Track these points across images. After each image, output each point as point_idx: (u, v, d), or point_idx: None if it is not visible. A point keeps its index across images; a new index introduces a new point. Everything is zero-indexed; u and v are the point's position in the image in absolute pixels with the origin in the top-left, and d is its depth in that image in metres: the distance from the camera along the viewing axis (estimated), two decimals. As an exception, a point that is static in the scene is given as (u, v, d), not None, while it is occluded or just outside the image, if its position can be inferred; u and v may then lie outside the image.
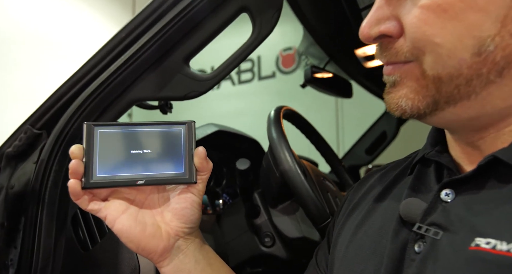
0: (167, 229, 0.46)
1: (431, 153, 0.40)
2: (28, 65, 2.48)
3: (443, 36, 0.30)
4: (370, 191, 0.47)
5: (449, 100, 0.33)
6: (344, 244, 0.43)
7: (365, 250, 0.39)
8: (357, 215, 0.45)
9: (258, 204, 0.79)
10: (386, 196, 0.43)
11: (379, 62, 1.23)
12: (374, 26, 0.34)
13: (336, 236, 0.46)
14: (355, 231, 0.43)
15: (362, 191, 0.48)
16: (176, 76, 0.68)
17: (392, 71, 0.35)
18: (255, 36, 0.69)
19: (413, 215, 0.35)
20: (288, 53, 3.40)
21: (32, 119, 0.66)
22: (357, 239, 0.42)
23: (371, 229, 0.41)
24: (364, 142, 1.79)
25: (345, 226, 0.46)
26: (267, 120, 0.77)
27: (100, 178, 0.42)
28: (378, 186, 0.46)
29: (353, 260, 0.40)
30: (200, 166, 0.45)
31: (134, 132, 0.44)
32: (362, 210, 0.45)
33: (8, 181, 0.65)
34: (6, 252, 0.63)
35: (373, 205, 0.44)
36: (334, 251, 0.45)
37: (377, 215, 0.42)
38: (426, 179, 0.39)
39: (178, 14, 0.64)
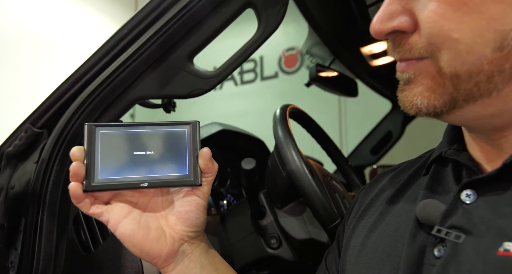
0: (171, 233, 0.44)
1: (449, 152, 0.38)
2: (28, 65, 2.48)
3: (462, 31, 0.29)
4: (382, 193, 0.45)
5: (468, 98, 0.31)
6: (357, 247, 0.42)
7: (380, 254, 0.38)
8: (369, 217, 0.43)
9: (263, 205, 0.77)
10: (400, 197, 0.42)
11: (385, 61, 1.21)
12: (387, 22, 0.32)
13: (347, 239, 0.45)
14: (368, 234, 0.41)
15: (374, 192, 0.47)
16: (179, 74, 0.66)
17: (406, 68, 0.33)
18: (260, 32, 0.67)
19: (431, 217, 0.34)
20: (291, 53, 3.38)
21: (32, 118, 0.64)
22: (371, 242, 0.40)
23: (385, 232, 0.39)
24: (369, 141, 1.77)
25: (356, 229, 0.44)
26: (273, 119, 0.75)
27: (102, 181, 0.41)
28: (391, 187, 0.44)
29: (367, 264, 0.38)
30: (205, 167, 0.43)
31: (136, 133, 0.43)
32: (374, 212, 0.43)
33: (8, 181, 0.64)
34: (6, 254, 0.61)
35: (386, 207, 0.42)
36: (345, 255, 0.44)
37: (391, 218, 0.40)
38: (443, 179, 0.37)
39: (181, 9, 0.62)
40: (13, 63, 2.43)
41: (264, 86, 3.44)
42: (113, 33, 0.64)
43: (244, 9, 0.65)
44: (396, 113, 1.69)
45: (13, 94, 2.33)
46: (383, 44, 1.12)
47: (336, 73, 1.25)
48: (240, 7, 0.64)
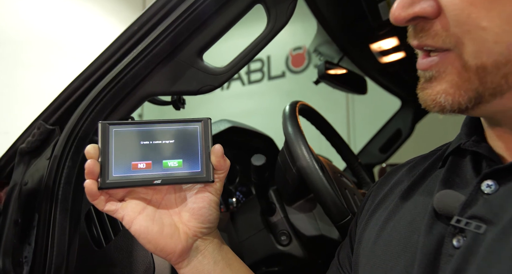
0: (185, 229, 0.44)
1: (468, 143, 0.37)
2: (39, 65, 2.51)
3: (490, 19, 0.27)
4: (396, 186, 0.45)
5: (495, 92, 0.30)
6: (370, 240, 0.41)
7: (395, 246, 0.37)
8: (383, 211, 0.43)
9: (273, 202, 0.77)
10: (415, 190, 0.41)
11: (395, 57, 1.19)
12: (408, 7, 0.31)
13: (360, 233, 0.44)
14: (382, 227, 0.41)
15: (387, 186, 0.46)
16: (189, 70, 0.66)
17: (428, 66, 0.32)
18: (269, 28, 0.67)
19: (449, 207, 0.33)
20: (298, 53, 3.38)
21: (45, 114, 0.65)
22: (385, 234, 0.40)
23: (400, 224, 0.39)
24: (378, 140, 1.75)
25: (370, 223, 0.44)
26: (282, 115, 0.75)
27: (116, 178, 0.41)
28: (405, 181, 0.44)
29: (382, 256, 0.38)
30: (217, 164, 0.43)
31: (149, 131, 0.43)
32: (388, 205, 0.43)
33: (22, 177, 0.65)
34: (20, 249, 0.62)
35: (400, 200, 0.41)
36: (358, 249, 0.43)
37: (406, 210, 0.40)
38: (461, 171, 0.37)
39: (191, 5, 0.62)
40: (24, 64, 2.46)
41: (272, 86, 3.44)
42: (123, 30, 0.64)
43: (254, 5, 0.64)
44: (405, 111, 1.68)
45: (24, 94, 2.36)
46: (393, 41, 1.11)
47: (345, 71, 1.24)
48: (250, 3, 0.64)
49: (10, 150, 0.67)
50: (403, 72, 1.37)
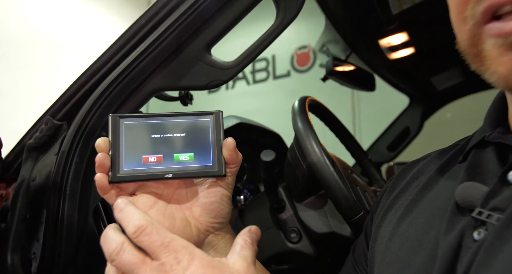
0: (196, 224, 0.43)
1: (493, 135, 0.36)
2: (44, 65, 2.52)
3: None
4: (413, 182, 0.44)
5: None
6: (386, 236, 0.40)
7: (411, 242, 0.36)
8: (399, 206, 0.42)
9: (283, 198, 0.76)
10: (433, 185, 0.40)
11: (404, 53, 1.17)
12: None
13: (376, 229, 0.43)
14: (398, 222, 0.40)
15: (403, 182, 0.45)
16: (197, 65, 0.66)
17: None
18: (279, 21, 0.66)
19: (472, 199, 0.32)
20: (303, 52, 3.36)
21: (52, 110, 0.64)
22: (401, 231, 0.39)
23: (417, 219, 0.38)
24: (386, 138, 1.73)
25: (385, 218, 0.43)
26: (291, 110, 0.74)
27: (127, 172, 0.40)
28: (422, 176, 0.43)
29: (397, 253, 0.37)
30: (229, 158, 0.42)
31: (160, 124, 0.42)
32: (404, 201, 0.42)
33: (30, 173, 0.64)
34: (29, 245, 0.61)
35: (417, 196, 0.40)
36: (374, 245, 0.42)
37: (423, 206, 0.39)
38: (484, 164, 0.35)
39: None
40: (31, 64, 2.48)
41: (277, 85, 3.43)
42: (131, 24, 0.63)
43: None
44: (414, 109, 1.65)
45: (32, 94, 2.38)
46: (403, 36, 1.09)
47: (353, 67, 1.23)
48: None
49: (17, 146, 0.67)
50: (412, 69, 1.35)
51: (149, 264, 0.31)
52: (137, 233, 0.32)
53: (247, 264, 0.34)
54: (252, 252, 0.36)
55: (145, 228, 0.32)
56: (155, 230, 0.32)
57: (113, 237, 0.33)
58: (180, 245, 0.32)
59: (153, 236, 0.31)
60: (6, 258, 0.59)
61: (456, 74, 1.42)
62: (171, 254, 0.31)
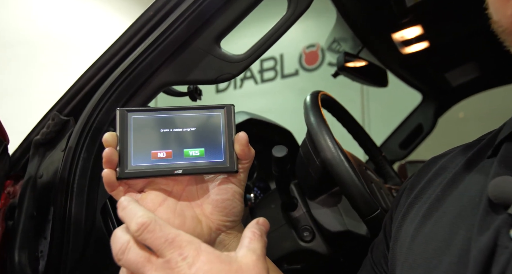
0: (207, 222, 0.41)
1: None
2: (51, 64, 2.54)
3: None
4: (436, 178, 0.41)
5: None
6: (408, 237, 0.38)
7: (437, 243, 0.34)
8: (422, 204, 0.40)
9: (295, 196, 0.74)
10: (459, 182, 0.38)
11: (418, 47, 1.14)
12: None
13: (397, 229, 0.41)
14: (422, 222, 0.37)
15: (425, 178, 0.43)
16: (206, 58, 0.64)
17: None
18: (290, 12, 0.63)
19: (507, 195, 0.29)
20: (312, 50, 3.33)
21: (59, 105, 0.63)
22: (425, 231, 0.36)
23: (443, 219, 0.35)
24: (398, 135, 1.69)
25: (407, 218, 0.40)
26: (303, 105, 0.71)
27: (135, 168, 0.39)
28: (445, 172, 0.41)
29: (422, 254, 0.35)
30: (241, 153, 0.40)
31: (169, 118, 0.40)
32: (427, 199, 0.40)
33: (37, 170, 0.63)
34: (36, 243, 0.60)
35: (442, 193, 0.38)
36: (395, 246, 0.40)
37: (449, 204, 0.36)
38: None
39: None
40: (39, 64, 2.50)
41: (285, 84, 3.41)
42: (138, 16, 0.62)
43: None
44: (427, 105, 1.61)
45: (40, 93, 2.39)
46: (417, 29, 1.06)
47: (364, 63, 1.20)
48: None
49: (24, 142, 0.66)
50: (426, 64, 1.31)
51: (154, 262, 0.30)
52: (140, 230, 0.30)
53: (257, 256, 0.32)
54: (262, 244, 0.34)
55: (148, 225, 0.31)
56: (158, 226, 0.31)
57: (120, 236, 0.32)
58: (185, 241, 0.31)
59: (157, 233, 0.30)
60: (13, 256, 0.58)
61: (471, 69, 1.38)
62: (176, 251, 0.30)
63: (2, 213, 0.61)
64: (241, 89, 3.61)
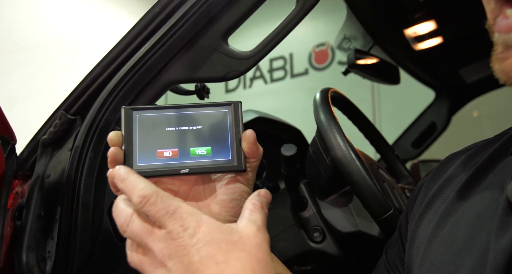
0: None
1: None
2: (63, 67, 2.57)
3: None
4: (454, 177, 0.39)
5: None
6: (425, 239, 0.36)
7: (457, 245, 0.32)
8: (440, 205, 0.38)
9: (304, 195, 0.72)
10: (479, 181, 0.36)
11: (431, 43, 1.11)
12: None
13: (413, 231, 0.39)
14: (439, 223, 0.36)
15: (443, 177, 0.41)
16: (213, 55, 0.62)
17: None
18: (299, 8, 0.62)
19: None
20: (321, 49, 3.30)
21: (66, 104, 0.63)
22: (444, 233, 0.34)
23: (462, 220, 0.34)
24: (410, 134, 1.66)
25: (424, 218, 0.39)
26: (313, 103, 0.70)
27: (141, 167, 0.38)
28: (465, 170, 0.39)
29: (440, 257, 0.33)
30: (249, 151, 0.39)
31: (175, 116, 0.40)
32: (445, 199, 0.38)
33: (44, 169, 0.63)
34: (44, 243, 0.60)
35: (461, 193, 0.36)
36: (411, 248, 0.38)
37: (469, 204, 0.34)
38: None
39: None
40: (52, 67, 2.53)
41: (294, 84, 3.38)
42: (144, 13, 0.61)
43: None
44: (440, 103, 1.57)
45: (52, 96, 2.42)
46: (430, 24, 1.03)
47: (376, 60, 1.17)
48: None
49: (32, 142, 0.66)
50: (439, 60, 1.28)
51: (156, 234, 0.31)
52: (142, 203, 0.31)
53: (257, 227, 0.32)
54: (262, 215, 0.34)
55: (149, 198, 0.31)
56: (159, 198, 0.31)
57: (122, 209, 0.33)
58: (185, 212, 0.31)
59: (158, 205, 0.31)
60: (21, 256, 0.58)
61: (487, 66, 1.34)
62: (177, 222, 0.31)
63: (11, 213, 0.61)
64: (250, 89, 3.60)
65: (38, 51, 2.47)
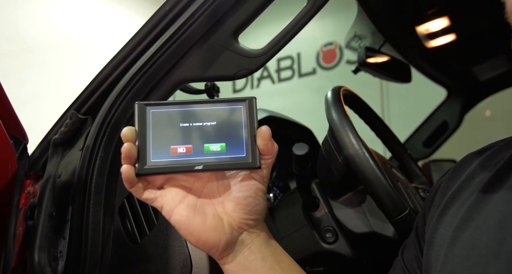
0: (229, 220, 0.39)
1: None
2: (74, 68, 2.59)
3: None
4: (473, 178, 0.38)
5: None
6: (446, 242, 0.35)
7: (481, 250, 0.31)
8: (460, 207, 0.37)
9: (316, 195, 0.71)
10: (502, 182, 0.34)
11: (444, 41, 1.09)
12: None
13: (431, 233, 0.38)
14: (460, 226, 0.34)
15: (461, 178, 0.40)
16: (224, 53, 0.62)
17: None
18: (310, 5, 0.61)
19: None
20: (329, 49, 3.28)
21: (77, 104, 0.63)
22: (466, 236, 0.33)
23: (486, 224, 0.32)
24: (422, 133, 1.63)
25: (443, 220, 0.37)
26: (324, 101, 0.69)
27: (154, 164, 0.37)
28: (485, 170, 0.37)
29: (463, 263, 0.32)
30: (264, 148, 0.38)
31: (189, 112, 0.39)
32: (465, 200, 0.36)
33: (56, 169, 0.63)
34: (55, 243, 0.60)
35: (482, 195, 0.35)
36: (430, 251, 0.37)
37: (492, 207, 0.33)
38: None
39: (225, -18, 0.58)
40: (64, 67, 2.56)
41: (302, 83, 3.37)
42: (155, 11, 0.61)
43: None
44: (452, 102, 1.54)
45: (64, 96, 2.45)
46: (443, 21, 1.01)
47: (386, 58, 1.15)
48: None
49: (43, 141, 0.66)
50: (452, 58, 1.25)
51: None
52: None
53: None
54: None
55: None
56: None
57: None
58: None
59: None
60: (33, 256, 0.58)
61: (501, 63, 1.31)
62: None
63: (23, 212, 0.62)
64: (258, 89, 3.59)
65: (48, 53, 2.50)
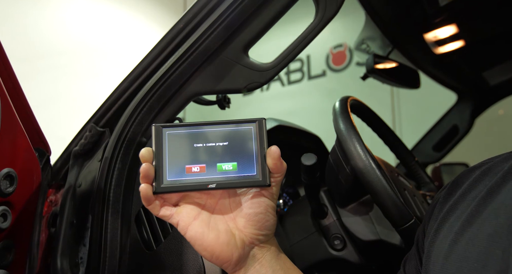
0: (241, 236, 0.42)
1: None
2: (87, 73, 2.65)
3: None
4: (470, 191, 0.39)
5: None
6: (442, 254, 0.36)
7: (472, 262, 0.32)
8: (455, 220, 0.38)
9: (325, 203, 0.73)
10: (495, 196, 0.36)
11: (452, 47, 1.09)
12: None
13: (429, 244, 0.39)
14: (455, 239, 0.36)
15: (459, 191, 0.41)
16: (235, 67, 0.64)
17: None
18: (318, 19, 0.63)
19: None
20: (339, 51, 3.27)
21: (96, 117, 0.66)
22: (459, 249, 0.35)
23: (478, 236, 0.34)
24: (432, 137, 1.63)
25: (439, 233, 0.39)
26: (332, 111, 0.70)
27: (170, 182, 0.40)
28: (481, 185, 0.39)
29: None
30: (273, 167, 0.40)
31: (202, 133, 0.42)
32: (461, 213, 0.38)
33: (76, 179, 0.66)
34: (76, 250, 0.63)
35: (476, 208, 0.36)
36: (428, 263, 0.38)
37: (484, 220, 0.34)
38: None
39: (235, 1, 0.60)
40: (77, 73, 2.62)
41: (312, 86, 3.37)
42: (169, 29, 0.64)
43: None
44: (462, 105, 1.54)
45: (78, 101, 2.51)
46: (451, 28, 1.02)
47: (395, 64, 1.16)
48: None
49: (64, 153, 0.70)
50: (462, 63, 1.26)
51: None
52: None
53: None
54: None
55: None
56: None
57: None
58: None
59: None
60: (56, 262, 0.61)
61: (511, 68, 1.31)
62: None
63: (45, 220, 0.65)
64: (267, 92, 3.61)
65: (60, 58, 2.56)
